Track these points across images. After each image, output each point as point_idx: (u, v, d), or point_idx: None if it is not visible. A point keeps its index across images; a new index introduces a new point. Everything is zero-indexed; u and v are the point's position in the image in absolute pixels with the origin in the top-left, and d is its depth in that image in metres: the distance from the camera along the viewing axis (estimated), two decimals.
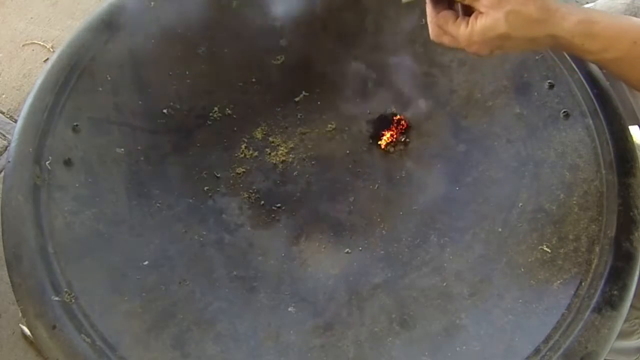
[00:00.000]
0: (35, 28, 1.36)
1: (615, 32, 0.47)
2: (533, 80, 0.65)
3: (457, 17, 0.50)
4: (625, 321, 0.75)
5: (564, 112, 0.62)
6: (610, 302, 0.51)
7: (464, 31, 0.49)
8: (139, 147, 0.65)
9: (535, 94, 0.65)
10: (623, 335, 0.78)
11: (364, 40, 0.74)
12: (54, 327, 0.50)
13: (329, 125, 0.73)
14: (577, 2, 1.40)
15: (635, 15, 0.72)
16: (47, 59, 1.29)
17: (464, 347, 0.53)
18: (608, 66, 0.51)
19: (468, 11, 0.49)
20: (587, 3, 0.92)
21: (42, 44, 1.34)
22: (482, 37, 0.48)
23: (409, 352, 0.54)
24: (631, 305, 0.54)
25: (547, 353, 0.50)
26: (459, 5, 0.50)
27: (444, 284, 0.59)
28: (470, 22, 0.48)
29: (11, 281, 0.52)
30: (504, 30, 0.47)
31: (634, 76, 0.50)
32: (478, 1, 0.47)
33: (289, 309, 0.59)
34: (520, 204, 0.61)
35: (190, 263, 0.61)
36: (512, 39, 0.48)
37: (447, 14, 0.50)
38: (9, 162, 0.57)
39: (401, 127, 0.71)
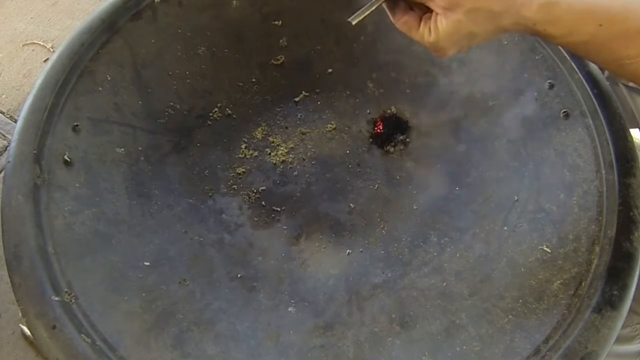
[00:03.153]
0: (35, 28, 1.37)
1: (579, 14, 0.44)
2: (533, 80, 0.65)
3: (420, 20, 0.48)
4: (626, 326, 0.75)
5: (564, 112, 0.62)
6: (610, 302, 0.51)
7: (428, 39, 0.47)
8: (139, 147, 0.65)
9: (535, 94, 0.65)
10: (624, 340, 0.78)
11: (364, 40, 0.74)
12: (54, 327, 0.50)
13: (329, 125, 0.73)
14: None
15: None
16: (47, 59, 1.29)
17: (464, 347, 0.53)
18: (575, 50, 0.48)
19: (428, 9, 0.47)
20: None
21: (42, 44, 1.34)
22: (448, 42, 0.46)
23: (409, 352, 0.54)
24: (632, 310, 0.53)
25: (547, 353, 0.50)
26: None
27: (444, 284, 0.59)
28: (432, 28, 0.46)
29: (11, 281, 0.52)
30: (468, 29, 0.45)
31: (602, 58, 0.47)
32: (433, 1, 0.46)
33: (289, 309, 0.59)
34: (520, 204, 0.61)
35: (190, 263, 0.61)
36: (478, 35, 0.46)
37: (408, 21, 0.48)
38: (9, 162, 0.57)
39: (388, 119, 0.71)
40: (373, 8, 0.49)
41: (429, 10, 0.47)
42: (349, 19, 0.50)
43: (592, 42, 0.45)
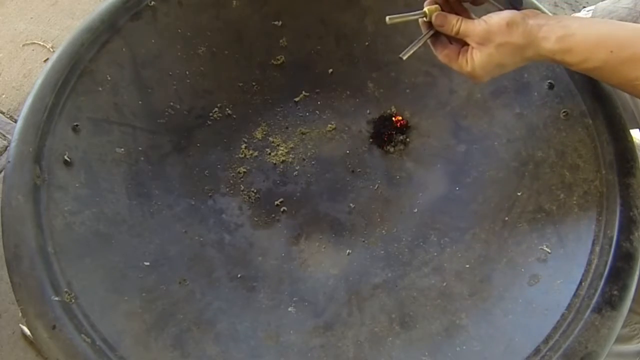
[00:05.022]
0: (35, 28, 1.36)
1: (592, 43, 0.50)
2: (533, 80, 0.65)
3: (458, 52, 0.55)
4: (625, 326, 0.75)
5: (564, 112, 0.62)
6: (610, 302, 0.51)
7: (466, 68, 0.55)
8: (139, 147, 0.65)
9: (535, 94, 0.65)
10: (623, 339, 0.78)
11: (364, 40, 0.74)
12: (54, 327, 0.49)
13: (329, 125, 0.73)
14: (577, 2, 1.40)
15: (636, 20, 0.72)
16: (47, 59, 1.29)
17: (464, 347, 0.53)
18: (591, 74, 0.54)
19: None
20: (588, 4, 0.92)
21: (42, 44, 1.34)
22: (482, 70, 0.54)
23: (409, 352, 0.54)
24: (631, 310, 0.53)
25: (547, 353, 0.50)
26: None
27: (444, 284, 0.59)
28: (468, 60, 0.54)
29: (11, 281, 0.52)
30: (498, 61, 0.53)
31: (615, 81, 0.53)
32: (469, 37, 0.54)
33: (289, 309, 0.59)
34: (520, 204, 0.61)
35: (190, 263, 0.61)
36: (506, 65, 0.54)
37: (449, 53, 0.56)
38: (9, 162, 0.57)
39: (401, 125, 0.71)
40: (420, 44, 0.57)
41: (465, 44, 0.55)
42: (400, 55, 0.57)
43: (604, 67, 0.51)
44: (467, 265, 0.60)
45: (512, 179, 0.63)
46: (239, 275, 0.61)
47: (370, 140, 0.72)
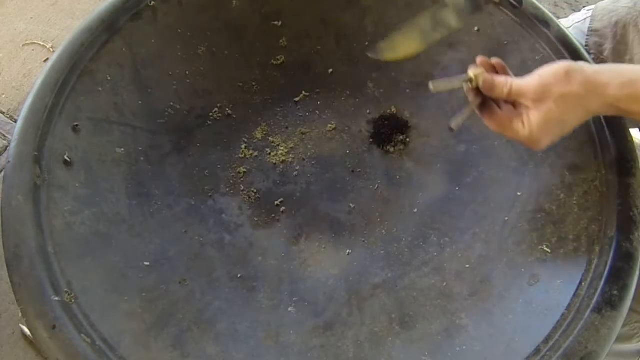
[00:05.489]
0: (35, 28, 1.37)
1: None
2: None
3: (511, 117, 0.50)
4: (625, 325, 0.75)
5: None
6: (610, 302, 0.51)
7: (523, 132, 0.49)
8: (139, 147, 0.65)
9: None
10: (623, 338, 0.78)
11: (364, 40, 0.74)
12: (54, 327, 0.50)
13: (329, 125, 0.73)
14: (577, 2, 1.40)
15: (635, 19, 0.72)
16: (47, 59, 1.29)
17: (464, 347, 0.53)
18: None
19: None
20: (588, 4, 0.92)
21: (42, 44, 1.34)
22: (541, 132, 0.48)
23: (409, 352, 0.54)
24: (631, 309, 0.53)
25: (547, 353, 0.50)
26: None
27: (444, 284, 0.59)
28: (524, 121, 0.49)
29: (11, 281, 0.52)
30: (559, 117, 0.48)
31: None
32: (523, 96, 0.49)
33: (289, 309, 0.59)
34: (520, 204, 0.61)
35: (190, 263, 0.61)
36: (567, 122, 0.48)
37: (500, 120, 0.51)
38: (9, 162, 0.56)
39: (401, 125, 0.71)
40: (470, 113, 0.53)
41: (516, 108, 0.50)
42: (451, 125, 0.52)
43: None
44: (467, 265, 0.60)
45: (512, 179, 0.63)
46: (239, 275, 0.61)
47: (370, 140, 0.72)
